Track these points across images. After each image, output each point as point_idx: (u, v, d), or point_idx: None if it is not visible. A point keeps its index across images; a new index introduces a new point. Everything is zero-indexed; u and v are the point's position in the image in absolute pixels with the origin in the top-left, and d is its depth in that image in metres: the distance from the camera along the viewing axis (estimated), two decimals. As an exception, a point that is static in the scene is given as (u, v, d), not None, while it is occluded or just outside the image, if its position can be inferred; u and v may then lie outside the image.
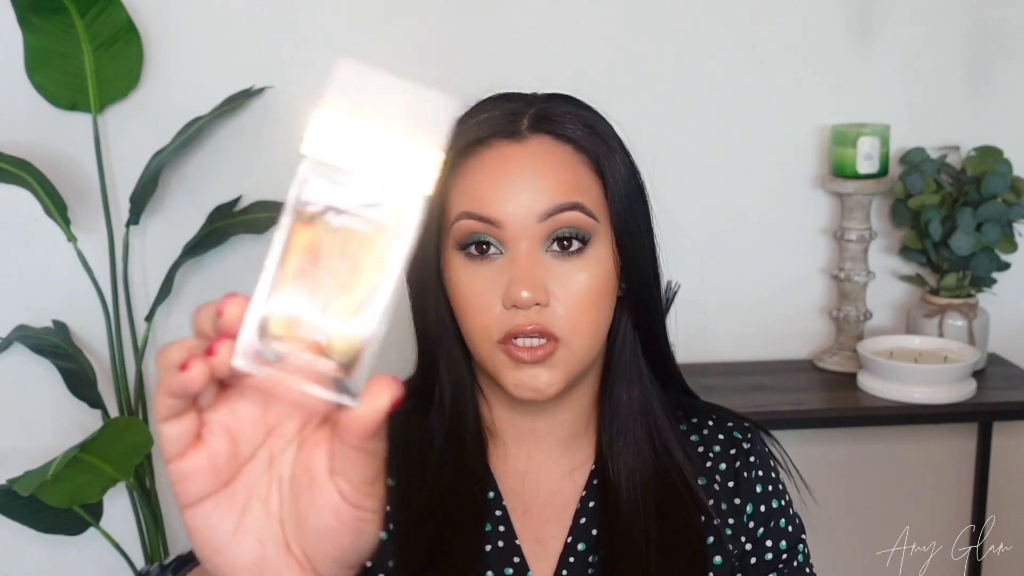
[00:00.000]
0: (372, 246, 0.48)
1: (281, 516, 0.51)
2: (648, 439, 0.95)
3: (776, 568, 0.96)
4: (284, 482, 0.51)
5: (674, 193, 1.89)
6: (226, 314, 0.47)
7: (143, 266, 1.88)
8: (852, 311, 1.98)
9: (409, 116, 0.49)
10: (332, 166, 0.49)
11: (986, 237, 1.90)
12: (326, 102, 0.49)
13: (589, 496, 0.96)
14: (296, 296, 0.48)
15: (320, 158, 0.50)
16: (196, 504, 0.49)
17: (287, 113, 1.87)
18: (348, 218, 0.48)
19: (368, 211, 0.48)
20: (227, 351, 0.46)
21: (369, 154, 0.48)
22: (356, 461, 0.48)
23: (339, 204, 0.49)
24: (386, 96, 0.49)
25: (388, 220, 0.48)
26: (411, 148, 0.48)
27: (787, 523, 0.98)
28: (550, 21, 1.91)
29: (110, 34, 1.74)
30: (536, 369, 0.87)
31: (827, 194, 2.02)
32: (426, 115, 0.49)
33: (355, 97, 0.49)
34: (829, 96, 2.00)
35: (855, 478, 2.13)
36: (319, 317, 0.47)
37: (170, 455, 0.49)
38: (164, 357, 0.48)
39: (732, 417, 1.01)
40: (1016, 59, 2.03)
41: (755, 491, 0.97)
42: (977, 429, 2.08)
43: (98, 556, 1.94)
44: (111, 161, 1.85)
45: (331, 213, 0.49)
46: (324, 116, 0.49)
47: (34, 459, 1.69)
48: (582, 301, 0.87)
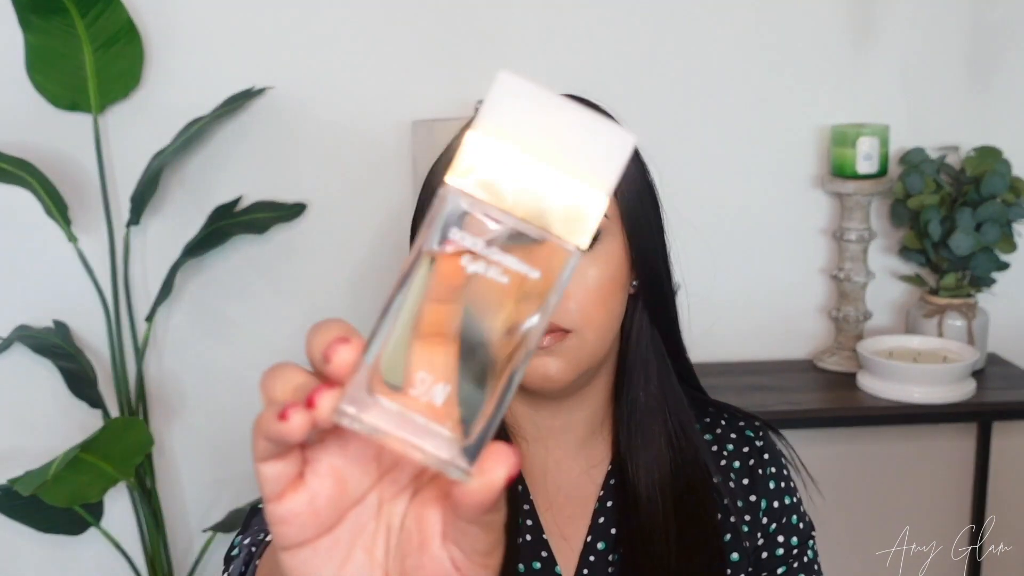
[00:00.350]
0: (508, 301, 0.41)
1: (387, 567, 0.46)
2: (666, 437, 0.95)
3: (787, 563, 0.97)
4: (393, 532, 0.46)
5: (674, 193, 1.90)
6: (334, 362, 0.41)
7: (144, 266, 1.89)
8: (852, 311, 1.98)
9: (577, 150, 0.41)
10: (478, 202, 0.41)
11: (985, 237, 1.90)
12: (480, 123, 0.41)
13: (607, 495, 0.96)
14: (415, 348, 0.41)
15: (466, 191, 0.41)
16: (295, 548, 0.45)
17: (288, 113, 1.87)
18: (485, 265, 0.41)
19: (511, 260, 0.41)
20: (330, 403, 0.41)
21: (524, 193, 0.41)
22: (471, 533, 0.43)
23: (478, 247, 0.41)
24: (552, 122, 0.41)
25: (532, 274, 0.41)
26: (574, 191, 0.41)
27: (798, 520, 0.99)
28: (552, 22, 1.91)
29: (111, 34, 1.75)
30: (546, 358, 0.87)
31: (827, 194, 2.02)
32: (598, 151, 0.41)
33: (515, 120, 0.41)
34: (829, 96, 2.01)
35: (854, 478, 2.13)
36: (439, 376, 0.41)
37: (267, 496, 0.44)
38: (268, 387, 0.43)
39: (743, 416, 1.02)
40: (1015, 59, 2.04)
41: (768, 488, 0.98)
42: (976, 429, 2.09)
43: (99, 556, 1.95)
44: (112, 161, 1.85)
45: (467, 256, 0.41)
46: (476, 140, 0.41)
47: (35, 459, 1.69)
48: (593, 295, 0.87)
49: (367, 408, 0.41)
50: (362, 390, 0.41)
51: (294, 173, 1.91)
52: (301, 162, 1.91)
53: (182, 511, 1.99)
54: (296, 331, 1.95)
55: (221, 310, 1.93)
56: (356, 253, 1.93)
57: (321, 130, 1.89)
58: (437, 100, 1.88)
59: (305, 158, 1.90)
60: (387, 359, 0.41)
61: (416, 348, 0.41)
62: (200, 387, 1.96)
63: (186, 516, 1.99)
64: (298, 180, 1.90)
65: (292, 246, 1.92)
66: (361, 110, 1.90)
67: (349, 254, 1.93)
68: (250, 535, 0.83)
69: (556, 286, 0.41)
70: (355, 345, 0.41)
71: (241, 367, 1.95)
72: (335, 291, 1.94)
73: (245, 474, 1.93)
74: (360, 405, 0.41)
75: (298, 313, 1.94)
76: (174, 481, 1.98)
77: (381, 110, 1.89)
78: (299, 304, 1.94)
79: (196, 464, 1.98)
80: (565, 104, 0.41)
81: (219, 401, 1.96)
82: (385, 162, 1.90)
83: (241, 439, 1.96)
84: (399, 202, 1.91)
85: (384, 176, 1.90)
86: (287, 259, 1.92)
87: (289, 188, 1.90)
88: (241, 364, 1.95)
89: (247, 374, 1.95)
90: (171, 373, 1.95)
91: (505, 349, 0.41)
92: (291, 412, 0.41)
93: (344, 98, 1.89)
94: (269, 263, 1.92)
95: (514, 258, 0.40)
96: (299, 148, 1.90)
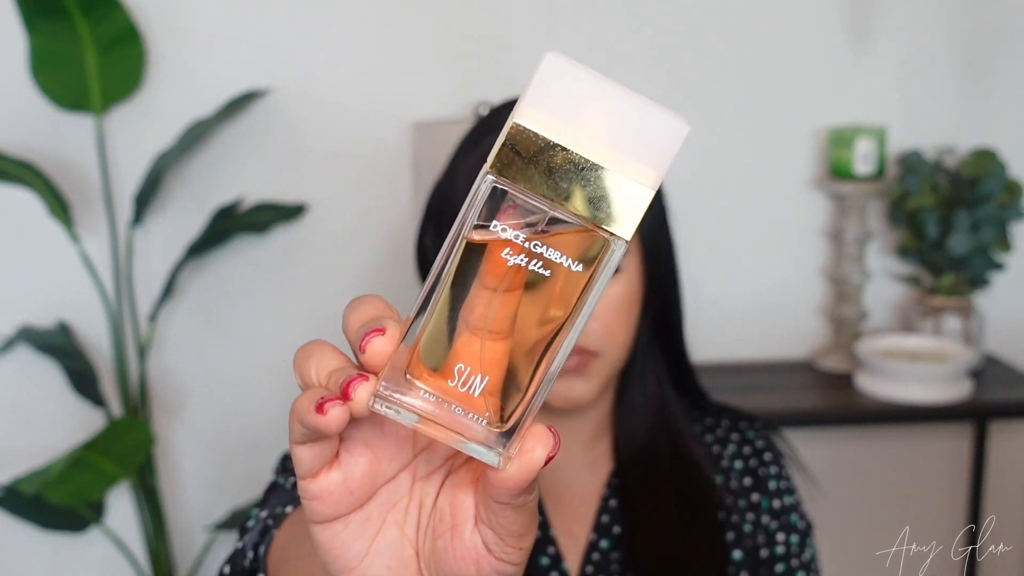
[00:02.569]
0: (550, 294, 0.39)
1: (417, 545, 0.47)
2: (667, 438, 0.96)
3: (786, 561, 0.98)
4: (424, 510, 0.47)
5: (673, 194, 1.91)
6: (369, 352, 0.41)
7: (146, 266, 1.90)
8: (849, 311, 1.99)
9: (626, 137, 0.39)
10: (521, 188, 0.39)
11: (982, 238, 1.91)
12: (524, 106, 0.39)
13: (610, 494, 0.98)
14: (454, 337, 0.40)
15: (507, 176, 0.39)
16: (326, 523, 0.46)
17: (289, 115, 1.88)
18: (526, 257, 0.39)
19: (553, 252, 0.39)
20: (366, 395, 0.41)
21: (569, 181, 0.39)
22: (504, 515, 0.43)
23: (519, 238, 0.39)
24: (601, 107, 0.39)
25: (576, 267, 0.39)
26: (622, 180, 0.39)
27: (798, 519, 1.00)
28: (552, 23, 1.92)
29: (113, 36, 1.76)
30: (571, 380, 0.89)
31: (824, 195, 2.03)
32: (648, 138, 0.39)
33: (562, 104, 0.39)
34: (826, 98, 2.02)
35: (852, 478, 2.14)
36: (476, 366, 0.40)
37: (302, 474, 0.45)
38: (303, 369, 0.44)
39: (744, 416, 1.03)
40: (1012, 61, 2.04)
41: (769, 487, 0.99)
42: (974, 429, 2.10)
43: (101, 554, 1.95)
44: (114, 162, 1.86)
45: (508, 249, 0.39)
46: (520, 125, 0.39)
47: (38, 458, 1.70)
48: (613, 314, 0.88)
49: (404, 396, 0.41)
50: (400, 377, 0.41)
51: (295, 174, 1.92)
52: (302, 163, 1.91)
53: (184, 510, 2.00)
54: (297, 331, 1.96)
55: (223, 310, 1.94)
56: (357, 253, 1.94)
57: (323, 131, 1.90)
58: (438, 102, 1.89)
59: (307, 159, 1.91)
60: (425, 346, 0.40)
61: (455, 337, 0.40)
62: (202, 386, 1.97)
63: (188, 515, 2.00)
64: (299, 181, 1.91)
65: (293, 247, 1.93)
66: (362, 111, 1.90)
67: (350, 254, 1.94)
68: (268, 508, 0.83)
69: (599, 278, 0.39)
70: (391, 336, 0.41)
71: (243, 367, 1.96)
72: (336, 291, 1.95)
73: (247, 473, 1.94)
74: (396, 392, 0.41)
75: (299, 313, 1.95)
76: (176, 480, 1.99)
77: (383, 112, 1.90)
78: (300, 304, 1.95)
79: (198, 463, 1.99)
80: (614, 90, 0.39)
81: (221, 400, 1.97)
82: (386, 163, 1.91)
83: (243, 438, 1.97)
84: (400, 203, 1.92)
85: (385, 177, 1.91)
86: (288, 260, 1.93)
87: (290, 189, 1.91)
88: (243, 364, 1.96)
89: (249, 373, 1.96)
90: (173, 372, 1.96)
91: (544, 340, 0.40)
92: (329, 407, 0.41)
93: (346, 99, 1.90)
94: (271, 263, 1.93)
95: (556, 251, 0.39)
96: (301, 149, 1.91)
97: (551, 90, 0.39)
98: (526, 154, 0.38)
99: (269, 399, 1.96)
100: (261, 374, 1.95)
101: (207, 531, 1.92)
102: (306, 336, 0.43)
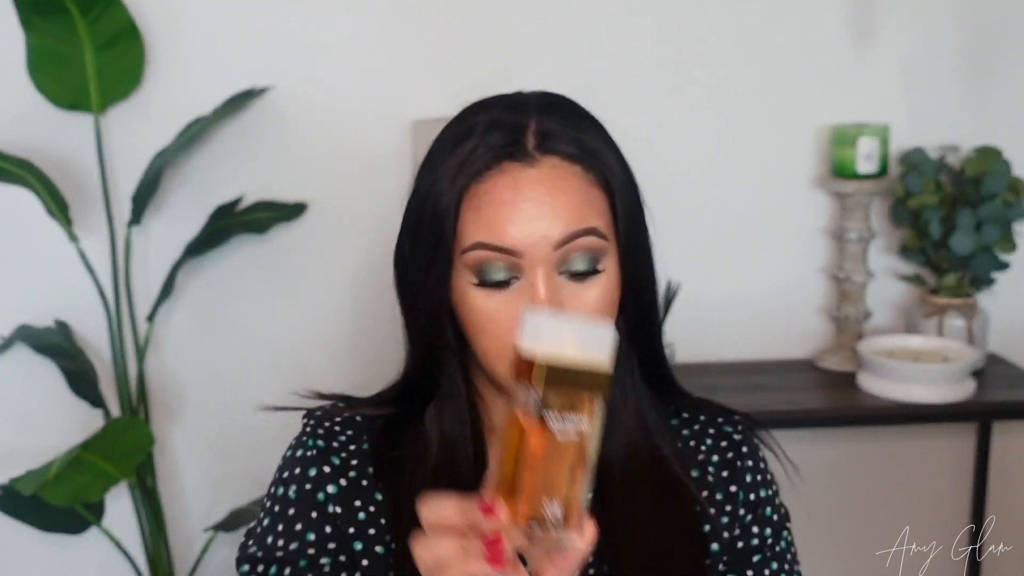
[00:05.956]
0: (564, 457, 0.64)
1: None
2: (644, 437, 0.96)
3: (761, 552, 0.98)
4: None
5: (674, 193, 1.90)
6: (489, 525, 0.63)
7: (145, 266, 1.89)
8: (852, 311, 1.99)
9: (584, 345, 0.66)
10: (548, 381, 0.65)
11: (985, 237, 1.91)
12: (526, 339, 0.66)
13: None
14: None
15: (547, 375, 0.65)
16: None
17: (289, 113, 1.88)
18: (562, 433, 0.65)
19: (571, 423, 0.65)
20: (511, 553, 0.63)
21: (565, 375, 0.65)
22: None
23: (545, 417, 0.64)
24: (565, 332, 0.66)
25: (570, 435, 0.65)
26: (588, 369, 0.65)
27: (772, 512, 1.00)
28: (552, 22, 1.91)
29: (112, 34, 1.75)
30: None
31: (827, 194, 2.02)
32: (594, 342, 0.66)
33: (547, 335, 0.65)
34: (829, 96, 2.01)
35: (854, 478, 2.13)
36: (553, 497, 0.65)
37: None
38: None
39: (722, 411, 1.03)
40: (1015, 59, 2.04)
41: (746, 480, 0.99)
42: (976, 429, 2.09)
43: (100, 555, 1.95)
44: (113, 161, 1.85)
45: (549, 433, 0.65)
46: (527, 348, 0.66)
47: (36, 458, 1.69)
48: (594, 316, 0.88)
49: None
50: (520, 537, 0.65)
51: (295, 173, 1.91)
52: (302, 162, 1.91)
53: (183, 510, 1.99)
54: (296, 330, 1.95)
55: (222, 310, 1.93)
56: (357, 253, 1.93)
57: (322, 130, 1.90)
58: (438, 100, 1.88)
59: (306, 158, 1.91)
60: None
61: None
62: (201, 386, 1.96)
63: (187, 515, 1.99)
64: (299, 180, 1.91)
65: (293, 246, 1.92)
66: (362, 110, 1.90)
67: (350, 254, 1.93)
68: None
69: (590, 446, 0.66)
70: (501, 510, 0.63)
71: (242, 366, 1.95)
72: (336, 290, 1.94)
73: (246, 473, 1.93)
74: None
75: (299, 312, 1.94)
76: (175, 480, 1.98)
77: (382, 110, 1.90)
78: (300, 303, 1.94)
79: (197, 463, 1.99)
80: (566, 324, 0.66)
81: (220, 400, 1.96)
82: (386, 162, 1.91)
83: (242, 438, 1.96)
84: (400, 202, 1.91)
85: (385, 176, 1.91)
86: (288, 259, 1.93)
87: (290, 188, 1.90)
88: (242, 363, 1.95)
89: (248, 373, 1.96)
90: (172, 372, 1.95)
91: (580, 464, 0.65)
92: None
93: (345, 98, 1.89)
94: (270, 263, 1.92)
95: (573, 417, 0.65)
96: (300, 148, 1.90)
97: (538, 331, 0.67)
98: (543, 361, 0.66)
99: (268, 399, 1.93)
100: (260, 374, 1.94)
101: (206, 532, 1.91)
102: (306, 336, 0.43)
